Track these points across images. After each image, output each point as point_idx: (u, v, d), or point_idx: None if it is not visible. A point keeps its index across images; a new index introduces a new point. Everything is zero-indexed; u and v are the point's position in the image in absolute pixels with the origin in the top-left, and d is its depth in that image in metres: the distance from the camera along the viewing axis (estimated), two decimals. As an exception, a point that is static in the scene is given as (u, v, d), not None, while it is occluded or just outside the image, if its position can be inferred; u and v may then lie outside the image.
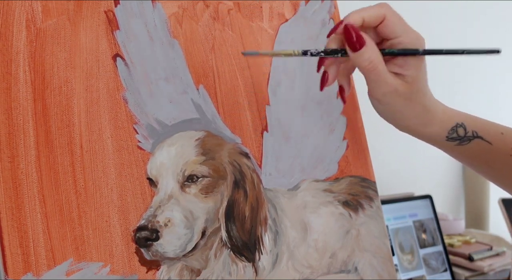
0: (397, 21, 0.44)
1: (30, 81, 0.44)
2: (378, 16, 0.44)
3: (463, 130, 0.48)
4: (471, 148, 0.49)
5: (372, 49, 0.43)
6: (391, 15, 0.44)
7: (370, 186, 0.61)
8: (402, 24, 0.44)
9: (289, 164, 0.57)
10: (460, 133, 0.48)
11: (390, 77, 0.44)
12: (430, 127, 0.48)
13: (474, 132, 0.49)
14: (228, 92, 0.54)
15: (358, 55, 0.43)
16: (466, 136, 0.49)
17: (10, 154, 0.42)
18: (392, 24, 0.44)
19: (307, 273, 0.55)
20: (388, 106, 0.46)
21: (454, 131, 0.48)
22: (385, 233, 0.61)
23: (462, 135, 0.48)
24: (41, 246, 0.42)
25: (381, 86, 0.44)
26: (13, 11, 0.44)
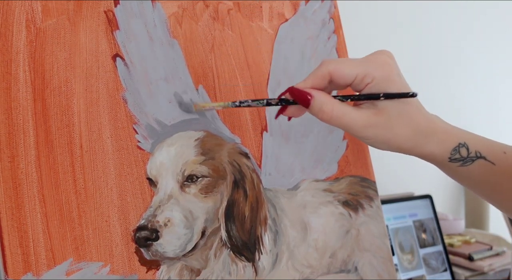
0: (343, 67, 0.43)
1: (30, 81, 0.44)
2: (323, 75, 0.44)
3: (466, 150, 0.46)
4: (473, 170, 0.47)
5: (320, 99, 0.43)
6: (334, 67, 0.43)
7: (370, 186, 0.62)
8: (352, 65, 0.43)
9: (289, 164, 0.57)
10: (463, 154, 0.46)
11: (356, 113, 0.44)
12: (429, 147, 0.46)
13: (477, 152, 0.46)
14: (227, 92, 0.54)
15: (311, 109, 0.44)
16: (469, 156, 0.46)
17: (10, 154, 0.42)
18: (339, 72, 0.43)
19: (307, 272, 0.55)
20: (374, 139, 0.45)
21: (456, 152, 0.46)
22: (385, 233, 0.61)
23: (465, 156, 0.46)
24: (41, 246, 0.42)
25: (351, 126, 0.44)
26: (13, 11, 0.44)
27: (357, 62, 0.44)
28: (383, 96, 0.43)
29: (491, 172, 0.47)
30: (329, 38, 0.62)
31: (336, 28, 0.63)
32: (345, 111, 0.44)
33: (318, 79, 0.44)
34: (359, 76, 0.43)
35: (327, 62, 0.44)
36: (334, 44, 0.62)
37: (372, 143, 0.46)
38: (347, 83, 0.44)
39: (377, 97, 0.43)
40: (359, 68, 0.43)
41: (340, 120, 0.44)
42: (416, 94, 0.43)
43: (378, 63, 0.44)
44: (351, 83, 0.44)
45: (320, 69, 0.44)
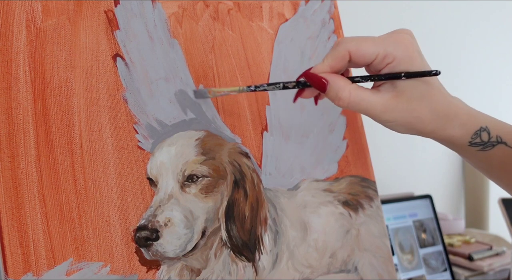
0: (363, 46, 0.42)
1: (30, 81, 0.44)
2: (343, 55, 0.42)
3: (487, 134, 0.45)
4: (493, 155, 0.46)
5: (336, 85, 0.42)
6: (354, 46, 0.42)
7: (370, 185, 0.62)
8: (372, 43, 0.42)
9: (289, 164, 0.57)
10: (484, 138, 0.45)
11: (375, 97, 0.43)
12: (450, 131, 0.45)
13: (498, 137, 0.45)
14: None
15: (327, 95, 0.43)
16: (489, 141, 0.45)
17: (10, 154, 0.42)
18: (359, 51, 0.42)
19: (307, 272, 0.55)
20: (394, 122, 0.44)
21: (477, 136, 0.45)
22: (385, 232, 0.61)
23: (486, 140, 0.45)
24: (41, 246, 0.42)
25: (370, 110, 0.43)
26: (13, 11, 0.44)
27: (377, 40, 0.42)
28: (404, 76, 0.41)
29: (511, 158, 0.46)
30: (329, 38, 0.62)
31: (336, 28, 0.63)
32: (363, 96, 0.42)
33: (337, 60, 0.42)
34: (380, 56, 0.42)
35: (346, 41, 0.42)
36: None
37: (392, 126, 0.45)
38: (367, 62, 0.43)
39: (399, 76, 0.42)
40: (379, 47, 0.42)
41: (358, 106, 0.43)
42: (439, 72, 0.41)
43: (399, 42, 0.42)
44: (371, 63, 0.43)
45: (339, 48, 0.42)
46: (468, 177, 1.31)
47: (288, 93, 0.58)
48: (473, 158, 0.48)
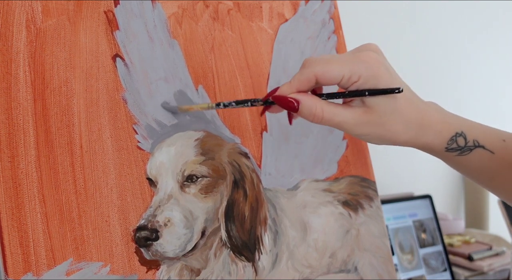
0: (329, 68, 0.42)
1: (30, 81, 0.44)
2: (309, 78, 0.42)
3: (463, 139, 0.45)
4: (472, 159, 0.46)
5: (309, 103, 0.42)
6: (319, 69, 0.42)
7: (370, 186, 0.62)
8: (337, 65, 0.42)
9: (289, 164, 0.57)
10: (460, 143, 0.46)
11: (347, 113, 0.43)
12: (425, 139, 0.45)
13: (475, 141, 0.46)
14: (227, 92, 0.54)
15: (300, 114, 0.43)
16: (466, 146, 0.46)
17: (10, 154, 0.42)
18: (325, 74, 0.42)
19: (307, 272, 0.55)
20: (368, 135, 0.44)
21: (453, 141, 0.45)
22: (385, 232, 0.61)
23: (463, 145, 0.46)
24: (41, 246, 0.42)
25: (344, 125, 0.43)
26: (13, 11, 0.44)
27: (343, 61, 0.42)
28: (368, 93, 0.42)
29: (490, 161, 0.46)
30: (329, 38, 0.62)
31: (336, 28, 0.63)
32: (335, 112, 0.43)
33: (304, 83, 0.42)
34: (345, 76, 0.41)
35: (312, 64, 0.42)
36: (334, 44, 0.62)
37: (368, 139, 0.45)
38: (334, 83, 0.43)
39: (363, 94, 0.42)
40: (345, 68, 0.42)
41: (332, 121, 0.43)
42: (401, 90, 0.41)
43: (365, 60, 0.42)
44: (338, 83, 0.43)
45: (305, 72, 0.42)
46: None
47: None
48: (452, 163, 0.48)
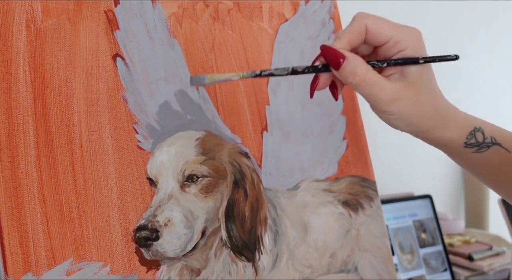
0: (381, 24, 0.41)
1: (30, 81, 0.44)
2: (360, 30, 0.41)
3: (482, 135, 0.45)
4: (489, 157, 0.45)
5: (354, 62, 0.40)
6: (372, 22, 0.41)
7: (370, 185, 0.62)
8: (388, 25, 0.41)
9: (289, 164, 0.57)
10: (479, 139, 0.45)
11: (387, 84, 0.41)
12: (447, 131, 0.44)
13: (492, 138, 0.45)
14: (228, 92, 0.54)
15: (341, 71, 0.41)
16: (484, 142, 0.45)
17: (10, 154, 0.42)
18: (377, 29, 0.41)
19: (307, 272, 0.55)
20: (396, 115, 0.42)
21: (472, 136, 0.45)
22: (385, 232, 0.61)
23: (481, 141, 0.45)
24: (41, 246, 0.42)
25: (380, 96, 0.41)
26: (13, 11, 0.44)
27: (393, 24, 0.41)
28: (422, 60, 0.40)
29: (506, 160, 0.45)
30: (329, 38, 0.62)
31: (336, 28, 0.63)
32: (378, 78, 0.41)
33: (355, 35, 0.40)
34: (394, 39, 0.40)
35: (364, 16, 0.41)
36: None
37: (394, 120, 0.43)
38: (381, 42, 0.41)
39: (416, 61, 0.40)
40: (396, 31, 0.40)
41: (370, 87, 0.41)
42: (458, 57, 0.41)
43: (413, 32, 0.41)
44: (383, 45, 0.41)
45: (357, 23, 0.40)
46: (468, 177, 1.31)
47: (288, 94, 0.58)
48: (469, 161, 0.47)
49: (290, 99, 0.58)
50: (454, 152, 0.47)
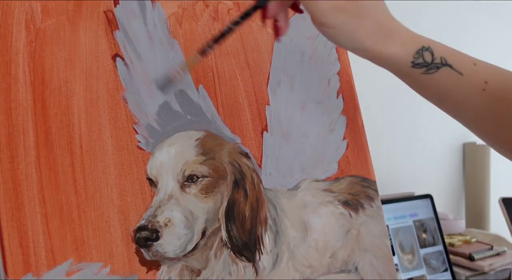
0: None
1: (29, 81, 0.44)
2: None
3: (430, 55, 0.43)
4: (438, 79, 0.43)
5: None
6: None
7: (371, 185, 0.61)
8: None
9: (289, 164, 0.56)
10: (427, 59, 0.43)
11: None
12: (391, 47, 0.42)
13: (442, 58, 0.43)
14: (228, 92, 0.54)
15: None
16: (433, 62, 0.43)
17: (10, 155, 0.42)
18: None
19: (308, 273, 0.54)
20: (336, 28, 0.41)
21: (420, 55, 0.43)
22: (385, 232, 0.61)
23: (429, 61, 0.43)
24: (41, 247, 0.42)
25: (319, 5, 0.40)
26: (13, 11, 0.44)
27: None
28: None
29: (458, 84, 0.43)
30: (329, 38, 0.62)
31: (336, 28, 0.63)
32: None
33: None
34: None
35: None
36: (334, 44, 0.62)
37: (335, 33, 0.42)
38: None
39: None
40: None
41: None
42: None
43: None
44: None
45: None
46: (468, 177, 1.31)
47: (288, 94, 0.58)
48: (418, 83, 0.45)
49: (290, 99, 0.58)
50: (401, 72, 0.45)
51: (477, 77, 0.43)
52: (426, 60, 0.43)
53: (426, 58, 0.43)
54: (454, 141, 1.30)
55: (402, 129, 1.19)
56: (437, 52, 0.43)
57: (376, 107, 1.05)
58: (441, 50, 0.43)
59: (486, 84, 0.43)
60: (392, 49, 0.43)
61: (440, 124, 1.21)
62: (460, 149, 1.32)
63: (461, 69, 0.43)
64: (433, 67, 0.43)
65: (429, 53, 0.43)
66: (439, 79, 0.43)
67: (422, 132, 1.22)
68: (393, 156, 1.17)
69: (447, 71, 0.43)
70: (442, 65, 0.43)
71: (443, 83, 0.44)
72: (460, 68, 0.43)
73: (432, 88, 0.45)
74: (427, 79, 0.44)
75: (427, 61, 0.43)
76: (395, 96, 1.10)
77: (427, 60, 0.43)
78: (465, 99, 0.44)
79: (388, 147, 1.15)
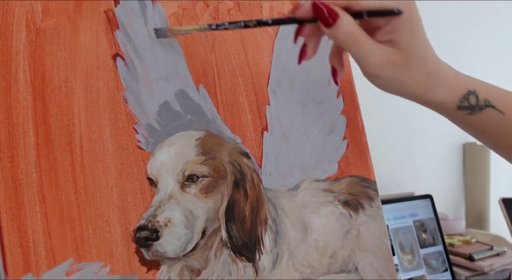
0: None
1: (30, 80, 0.44)
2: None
3: (475, 98, 0.45)
4: (482, 119, 0.45)
5: (348, 21, 0.41)
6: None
7: (371, 185, 0.61)
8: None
9: (289, 164, 0.56)
10: (472, 102, 0.45)
11: (378, 47, 0.42)
12: (439, 94, 0.44)
13: (486, 100, 0.45)
14: (228, 92, 0.54)
15: (334, 29, 0.41)
16: (478, 105, 0.45)
17: (10, 154, 0.42)
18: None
19: (308, 273, 0.54)
20: (386, 79, 0.43)
21: (465, 99, 0.45)
22: (385, 233, 0.61)
23: (474, 104, 0.45)
24: (41, 246, 0.42)
25: (370, 59, 0.42)
26: (13, 11, 0.44)
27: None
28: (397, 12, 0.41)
29: (500, 122, 0.45)
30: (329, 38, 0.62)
31: (336, 28, 0.63)
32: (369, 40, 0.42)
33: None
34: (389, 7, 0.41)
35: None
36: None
37: (386, 84, 0.44)
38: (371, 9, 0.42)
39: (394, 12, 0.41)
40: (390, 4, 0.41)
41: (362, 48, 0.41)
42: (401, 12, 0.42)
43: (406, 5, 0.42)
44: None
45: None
46: (468, 177, 1.31)
47: (288, 93, 0.58)
48: (463, 123, 0.47)
49: (290, 99, 0.58)
50: (448, 114, 0.47)
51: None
52: (471, 104, 0.45)
53: (471, 101, 0.45)
54: (454, 141, 1.31)
55: (402, 129, 1.19)
56: (481, 95, 0.45)
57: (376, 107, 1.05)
58: (485, 92, 0.45)
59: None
60: (440, 95, 0.45)
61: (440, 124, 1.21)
62: (460, 149, 1.32)
63: (503, 109, 0.45)
64: (477, 109, 0.45)
65: (474, 97, 0.45)
66: (481, 119, 0.45)
67: (422, 132, 1.22)
68: (393, 156, 1.17)
69: (490, 111, 0.45)
70: (485, 106, 0.45)
71: (486, 123, 0.46)
72: (502, 108, 0.45)
73: (475, 127, 0.47)
74: (472, 119, 0.46)
75: (472, 104, 0.45)
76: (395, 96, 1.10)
77: (472, 103, 0.45)
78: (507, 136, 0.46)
79: (388, 147, 1.15)
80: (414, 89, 0.44)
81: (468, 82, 0.45)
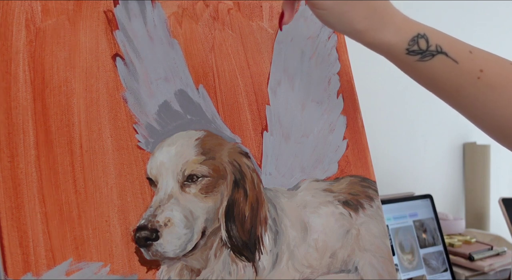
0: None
1: (29, 80, 0.44)
2: None
3: (425, 42, 0.42)
4: (434, 66, 0.43)
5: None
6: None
7: (371, 185, 0.61)
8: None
9: (289, 163, 0.56)
10: (422, 46, 0.42)
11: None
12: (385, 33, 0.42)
13: (438, 46, 0.42)
14: (228, 91, 0.54)
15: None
16: (428, 50, 0.42)
17: (10, 154, 0.42)
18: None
19: (307, 272, 0.54)
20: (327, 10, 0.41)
21: (415, 42, 0.42)
22: (385, 232, 0.61)
23: (424, 49, 0.42)
24: (41, 246, 0.42)
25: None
26: (13, 11, 0.44)
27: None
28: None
29: (453, 72, 0.43)
30: (329, 37, 0.62)
31: (336, 27, 0.63)
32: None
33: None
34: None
35: None
36: (334, 44, 0.62)
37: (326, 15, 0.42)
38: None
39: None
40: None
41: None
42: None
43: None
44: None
45: None
46: (468, 177, 1.31)
47: (288, 93, 0.58)
48: (412, 70, 0.45)
49: (290, 99, 0.58)
50: (396, 59, 0.45)
51: (472, 65, 0.42)
52: (421, 48, 0.43)
53: (421, 45, 0.42)
54: (454, 141, 1.30)
55: (402, 129, 1.19)
56: (432, 40, 0.43)
57: (376, 107, 1.05)
58: (437, 37, 0.43)
59: (481, 73, 0.43)
60: (386, 35, 0.42)
61: (440, 124, 1.21)
62: (460, 149, 1.32)
63: (456, 57, 0.43)
64: (428, 55, 0.43)
65: (424, 41, 0.42)
66: (434, 66, 0.43)
67: (422, 132, 1.22)
68: (393, 156, 1.17)
69: (442, 59, 0.43)
70: (437, 53, 0.43)
71: (438, 71, 0.43)
72: (455, 56, 0.43)
73: (427, 76, 0.44)
74: (422, 66, 0.43)
75: (422, 49, 0.43)
76: (395, 96, 1.10)
77: (422, 48, 0.43)
78: (460, 87, 0.43)
79: (388, 147, 1.15)
80: (355, 22, 0.42)
81: (417, 25, 0.43)
